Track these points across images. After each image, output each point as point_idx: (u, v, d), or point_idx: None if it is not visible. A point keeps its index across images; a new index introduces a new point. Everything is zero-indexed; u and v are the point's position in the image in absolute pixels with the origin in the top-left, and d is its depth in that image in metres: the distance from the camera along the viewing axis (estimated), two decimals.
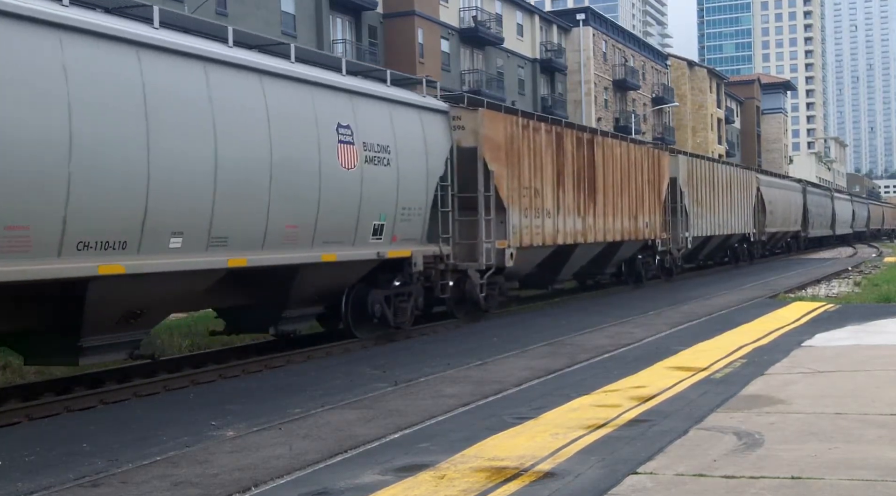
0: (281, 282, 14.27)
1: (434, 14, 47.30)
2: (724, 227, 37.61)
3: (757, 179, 44.47)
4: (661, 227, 29.91)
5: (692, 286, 29.80)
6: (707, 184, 35.35)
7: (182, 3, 30.80)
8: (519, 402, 10.13)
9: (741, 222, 40.44)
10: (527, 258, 21.39)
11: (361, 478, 7.05)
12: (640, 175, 27.99)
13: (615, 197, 26.07)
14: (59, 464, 8.30)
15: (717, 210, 36.66)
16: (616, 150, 26.46)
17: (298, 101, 14.19)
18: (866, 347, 13.46)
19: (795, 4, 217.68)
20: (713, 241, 37.11)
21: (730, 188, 38.58)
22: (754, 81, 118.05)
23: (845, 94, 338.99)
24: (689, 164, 33.70)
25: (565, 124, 23.84)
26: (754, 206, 43.00)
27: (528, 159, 21.02)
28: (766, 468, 6.81)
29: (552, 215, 22.05)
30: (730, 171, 39.61)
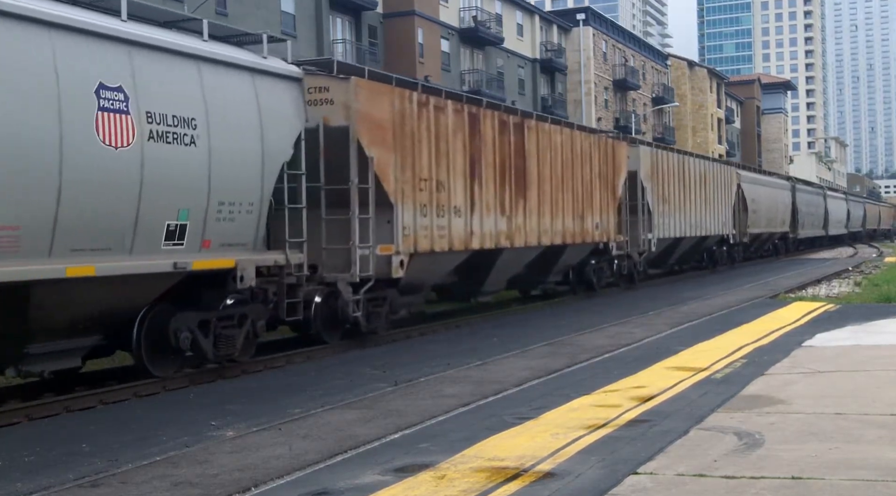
0: (7, 307, 10.49)
1: (434, 14, 47.28)
2: (697, 228, 34.26)
3: (737, 175, 41.00)
4: (617, 228, 26.56)
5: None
6: (676, 179, 31.95)
7: (182, 3, 30.80)
8: (519, 402, 10.13)
9: (718, 222, 37.02)
10: (429, 267, 17.77)
11: (361, 478, 7.05)
12: (588, 168, 24.42)
13: (555, 193, 22.36)
14: (59, 464, 8.29)
15: (689, 209, 33.35)
16: (556, 137, 22.71)
17: (22, 48, 10.20)
18: (867, 347, 13.46)
19: (795, 4, 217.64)
20: (685, 243, 33.84)
21: (704, 184, 35.21)
22: (754, 81, 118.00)
23: (845, 94, 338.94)
24: (652, 156, 30.09)
25: (487, 104, 20.16)
26: (734, 205, 39.70)
27: (429, 145, 17.25)
28: (767, 468, 6.81)
29: (463, 214, 18.31)
30: (704, 166, 36.07)
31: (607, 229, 25.75)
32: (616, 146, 26.91)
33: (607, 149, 26.05)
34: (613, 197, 26.30)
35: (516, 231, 20.46)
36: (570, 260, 24.47)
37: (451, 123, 18.03)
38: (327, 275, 15.36)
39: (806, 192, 58.31)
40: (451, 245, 17.93)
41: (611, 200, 26.02)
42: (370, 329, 16.29)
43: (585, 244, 24.53)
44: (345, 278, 15.42)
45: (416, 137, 16.92)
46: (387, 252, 16.13)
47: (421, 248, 16.92)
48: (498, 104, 21.26)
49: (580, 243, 24.00)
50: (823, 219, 63.97)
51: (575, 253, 24.30)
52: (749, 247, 44.66)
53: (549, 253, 22.60)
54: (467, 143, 18.57)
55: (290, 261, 14.26)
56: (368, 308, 16.10)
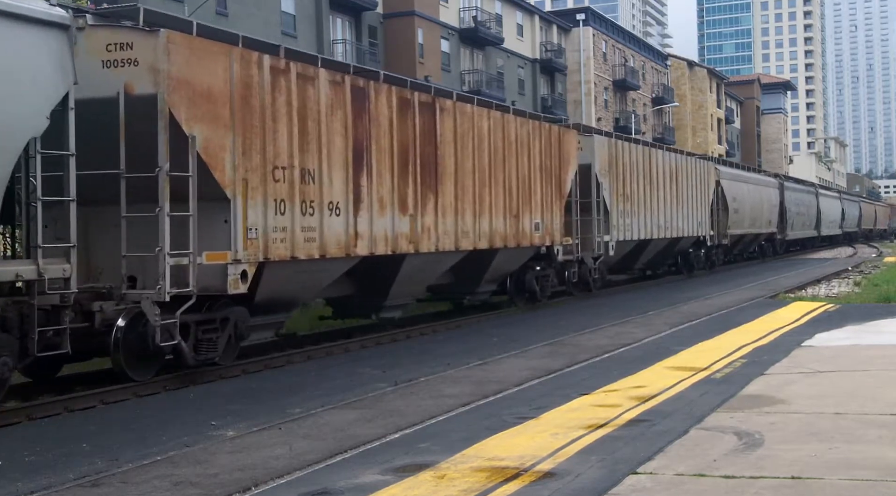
0: None
1: (434, 14, 47.28)
2: (667, 229, 31.13)
3: (716, 172, 37.64)
4: (564, 229, 23.12)
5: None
6: (641, 174, 28.76)
7: (182, 4, 30.81)
8: (519, 402, 10.13)
9: (693, 223, 33.87)
10: (297, 278, 14.32)
11: (361, 478, 7.05)
12: (526, 159, 21.12)
13: (479, 188, 18.98)
14: (59, 464, 8.30)
15: (658, 208, 30.16)
16: (482, 121, 19.25)
17: None
18: (866, 347, 13.47)
19: (795, 4, 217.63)
20: (653, 246, 30.71)
21: (675, 181, 31.99)
22: (754, 81, 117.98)
23: (845, 94, 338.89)
24: (610, 147, 26.67)
25: (384, 78, 16.61)
26: (713, 204, 36.64)
27: (291, 124, 13.64)
28: (766, 468, 6.81)
29: (345, 212, 14.79)
30: (675, 160, 32.56)
31: (551, 231, 22.50)
32: (564, 135, 23.37)
33: (552, 138, 22.60)
34: (560, 194, 22.93)
35: (424, 233, 17.03)
36: (506, 266, 21.22)
37: (326, 98, 14.48)
38: (130, 293, 11.88)
39: (796, 191, 55.38)
40: (323, 251, 14.33)
41: (556, 198, 22.71)
42: (201, 361, 12.71)
43: (522, 248, 21.10)
44: (150, 296, 11.71)
45: (271, 114, 13.30)
46: (218, 261, 12.51)
47: (276, 255, 13.33)
48: (402, 79, 17.62)
49: (515, 247, 20.61)
50: (815, 219, 61.00)
51: (510, 258, 20.93)
52: (731, 249, 41.93)
53: (475, 259, 19.39)
54: (350, 124, 14.96)
55: (44, 274, 10.35)
56: (198, 334, 12.62)
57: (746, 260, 47.31)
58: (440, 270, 18.78)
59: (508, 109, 21.53)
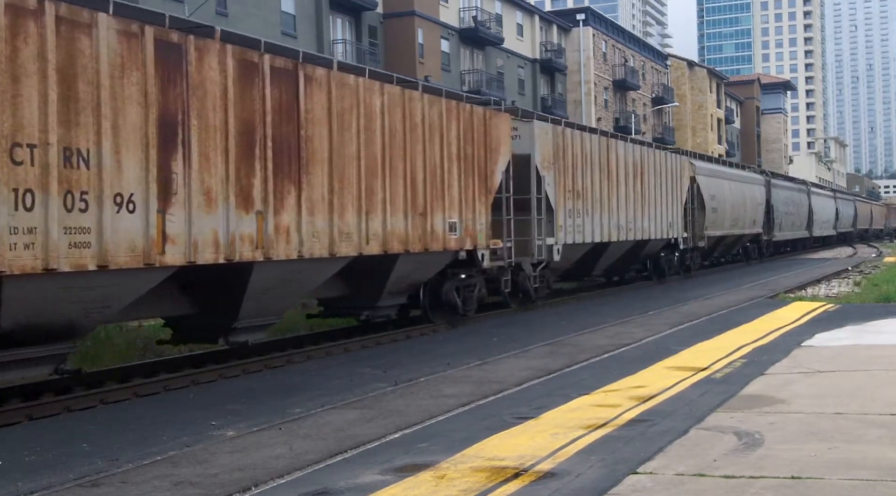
0: None
1: (434, 14, 47.31)
2: (630, 231, 27.61)
3: (691, 167, 34.27)
4: (490, 230, 19.41)
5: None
6: (597, 168, 25.27)
7: (182, 4, 30.82)
8: (519, 402, 10.14)
9: (662, 224, 30.44)
10: (68, 296, 10.64)
11: (362, 477, 7.06)
12: (438, 146, 17.47)
13: (368, 180, 15.33)
14: (59, 464, 8.30)
15: (618, 207, 26.66)
16: (373, 98, 15.64)
17: None
18: (866, 347, 13.47)
19: (795, 4, 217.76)
20: (613, 250, 27.17)
21: (640, 176, 28.54)
22: (754, 81, 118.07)
23: (845, 94, 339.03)
24: (556, 136, 23.00)
25: (221, 35, 12.76)
26: (687, 203, 33.29)
27: (42, 86, 10.05)
28: (766, 468, 6.82)
29: (142, 207, 11.13)
30: (641, 154, 28.80)
31: (473, 232, 18.77)
32: (492, 119, 19.61)
33: (475, 121, 18.91)
34: (486, 188, 19.31)
35: (280, 236, 13.40)
36: (414, 275, 17.46)
37: (113, 54, 10.90)
38: None
39: (785, 189, 51.77)
40: (104, 260, 10.59)
41: (481, 193, 19.11)
42: None
43: (433, 254, 17.49)
44: None
45: (8, 71, 9.76)
46: None
47: (15, 267, 9.66)
48: (252, 39, 13.55)
49: (422, 252, 16.97)
50: (807, 218, 57.61)
51: (418, 266, 17.28)
52: (710, 252, 38.88)
53: (370, 267, 15.97)
54: (156, 90, 11.44)
55: None
56: None
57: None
58: (317, 282, 15.03)
59: (416, 85, 17.55)
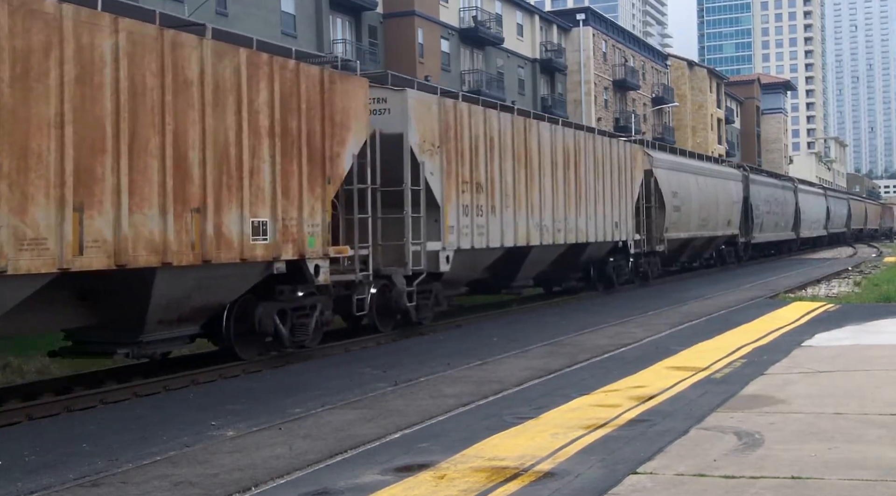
0: None
1: (434, 14, 47.29)
2: (560, 233, 22.86)
3: (647, 158, 29.96)
4: (329, 232, 14.68)
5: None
6: (509, 155, 20.54)
7: (182, 4, 30.82)
8: (519, 402, 10.14)
9: (606, 224, 25.74)
10: None
11: (362, 477, 7.06)
12: (237, 116, 12.92)
13: (85, 158, 10.61)
14: (59, 464, 8.30)
15: (541, 203, 21.96)
16: (97, 38, 10.76)
17: None
18: (866, 347, 13.47)
19: (795, 4, 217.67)
20: (536, 256, 22.15)
21: (576, 167, 23.93)
22: (754, 81, 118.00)
23: (845, 94, 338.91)
24: (444, 112, 18.05)
25: None
26: (639, 200, 28.88)
27: None
28: (766, 468, 6.82)
29: None
30: (574, 139, 23.96)
31: (299, 237, 13.93)
32: (335, 84, 14.84)
33: (306, 86, 14.11)
34: (322, 177, 14.48)
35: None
36: (198, 297, 12.76)
37: None
38: None
39: (766, 185, 47.34)
40: None
41: (314, 183, 14.31)
42: None
43: (224, 267, 12.78)
44: None
45: None
46: None
47: None
48: None
49: (202, 265, 12.33)
50: (793, 218, 53.14)
51: (199, 284, 12.63)
52: (675, 256, 34.53)
53: (110, 287, 11.63)
54: None
55: None
56: None
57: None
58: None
59: (195, 27, 12.73)
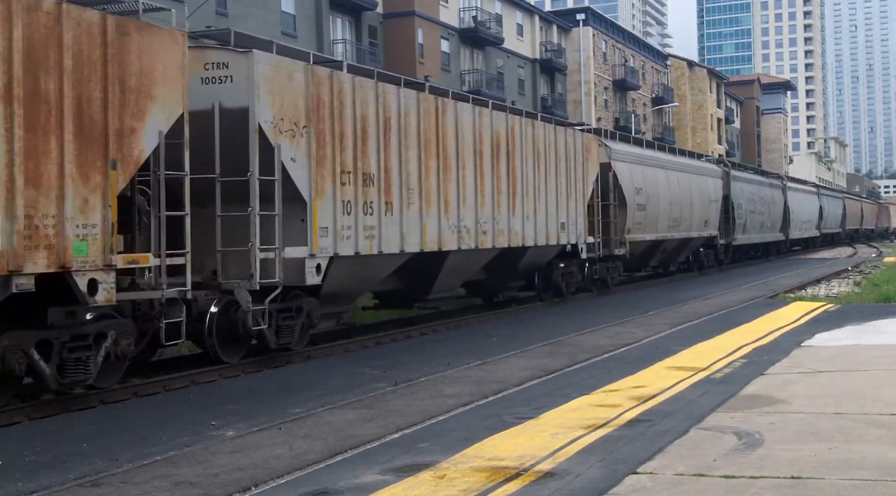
0: None
1: (434, 14, 47.29)
2: (487, 235, 19.25)
3: (603, 150, 26.20)
4: (109, 235, 10.84)
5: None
6: (413, 141, 16.80)
7: (182, 4, 30.81)
8: (519, 402, 10.13)
9: (551, 225, 22.25)
10: None
11: (362, 477, 7.05)
12: None
13: None
14: (59, 464, 8.30)
15: (462, 200, 18.32)
16: None
17: None
18: (866, 347, 13.46)
19: (795, 4, 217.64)
20: (459, 262, 18.90)
21: (510, 158, 20.31)
22: (754, 81, 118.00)
23: (845, 94, 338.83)
24: (312, 84, 14.31)
25: None
26: (594, 197, 25.11)
27: None
28: (766, 468, 6.82)
29: None
30: (509, 125, 20.42)
31: (58, 243, 10.25)
32: (132, 36, 11.17)
33: (68, 32, 10.31)
34: (104, 162, 10.79)
35: None
36: None
37: None
38: None
39: (750, 182, 43.73)
40: None
41: (90, 171, 10.60)
42: None
43: None
44: None
45: None
46: None
47: None
48: None
49: None
50: (782, 218, 49.68)
51: None
52: (642, 260, 31.12)
53: None
54: None
55: None
56: None
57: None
58: None
59: None
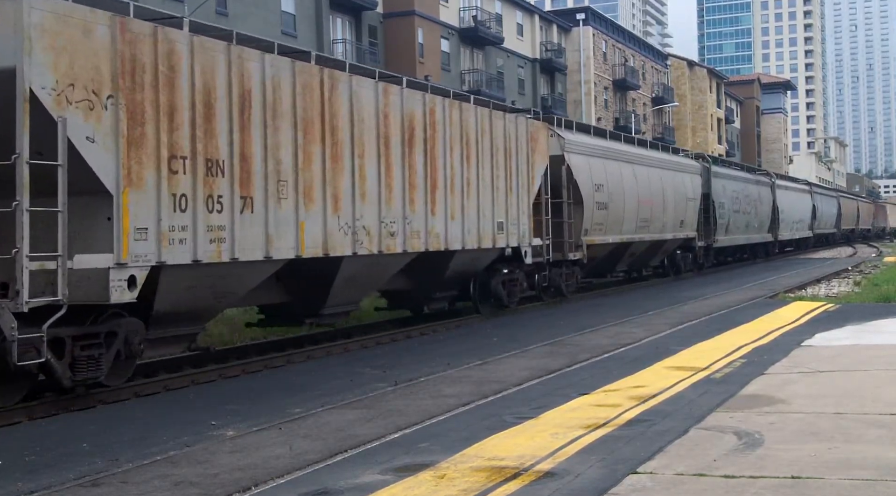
0: None
1: (434, 14, 47.29)
2: (392, 238, 15.92)
3: (556, 141, 23.26)
4: None
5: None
6: (284, 122, 13.59)
7: (182, 4, 30.81)
8: (519, 402, 10.14)
9: (484, 226, 18.97)
10: None
11: (362, 477, 7.06)
12: None
13: None
14: (59, 464, 8.30)
15: (354, 196, 14.93)
16: None
17: None
18: (866, 347, 13.46)
19: (795, 4, 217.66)
20: (357, 270, 15.47)
21: (425, 146, 16.93)
22: (754, 81, 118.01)
23: (845, 94, 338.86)
24: (126, 41, 10.87)
25: None
26: (539, 193, 21.81)
27: None
28: (766, 468, 6.82)
29: None
30: (424, 106, 16.98)
31: None
32: None
33: None
34: None
35: None
36: None
37: None
38: None
39: (733, 179, 40.64)
40: None
41: None
42: None
43: None
44: None
45: None
46: None
47: None
48: None
49: None
50: (770, 217, 46.66)
51: None
52: (607, 266, 28.51)
53: None
54: None
55: None
56: None
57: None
58: None
59: None
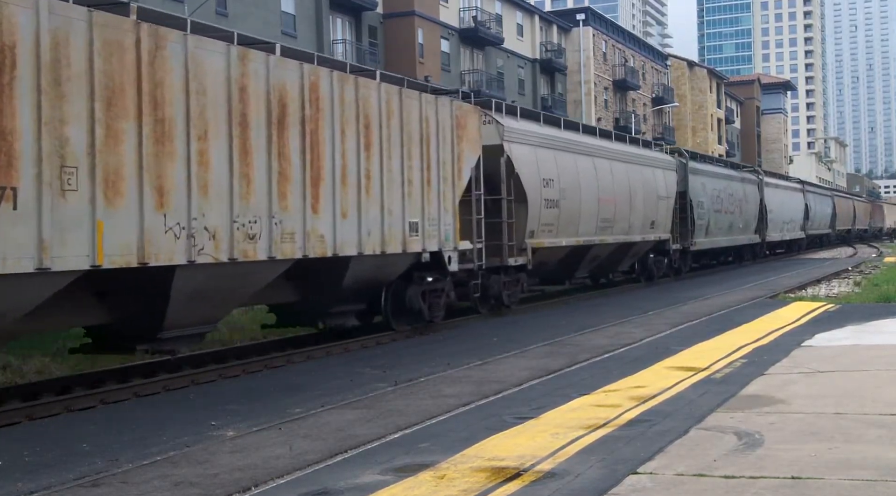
0: None
1: (434, 14, 47.28)
2: (253, 242, 12.78)
3: (493, 127, 20.51)
4: None
5: None
6: (73, 84, 10.10)
7: (182, 4, 30.81)
8: (519, 402, 10.13)
9: (393, 227, 16.18)
10: None
11: (362, 477, 7.05)
12: None
13: None
14: (59, 464, 8.30)
15: (189, 188, 11.70)
16: None
17: None
18: (866, 347, 13.46)
19: (795, 4, 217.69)
20: (212, 283, 12.51)
21: (303, 128, 13.84)
22: (754, 81, 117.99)
23: (845, 94, 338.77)
24: None
25: None
26: (464, 190, 18.72)
27: None
28: (766, 468, 6.81)
29: None
30: (302, 79, 13.88)
31: None
32: None
33: None
34: None
35: None
36: None
37: None
38: None
39: (715, 177, 37.48)
40: None
41: None
42: None
43: None
44: None
45: None
46: None
47: None
48: None
49: None
50: (757, 218, 43.62)
51: None
52: (563, 272, 25.68)
53: None
54: None
55: None
56: None
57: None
58: None
59: None
